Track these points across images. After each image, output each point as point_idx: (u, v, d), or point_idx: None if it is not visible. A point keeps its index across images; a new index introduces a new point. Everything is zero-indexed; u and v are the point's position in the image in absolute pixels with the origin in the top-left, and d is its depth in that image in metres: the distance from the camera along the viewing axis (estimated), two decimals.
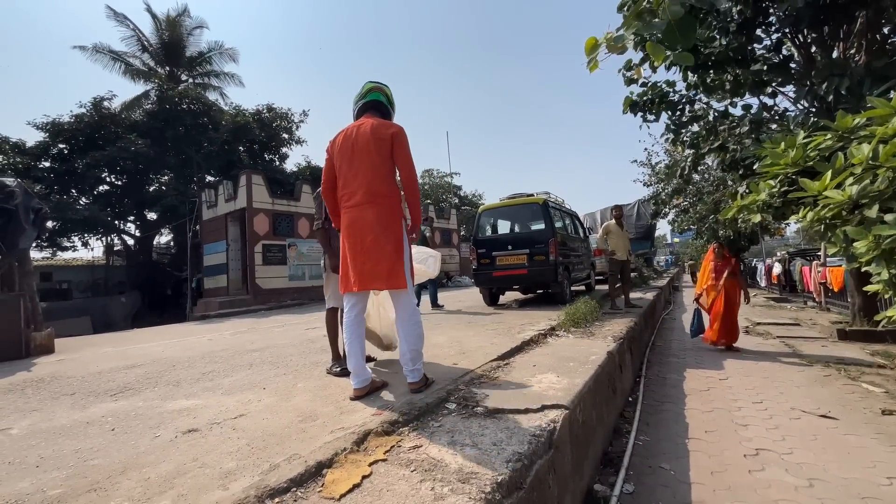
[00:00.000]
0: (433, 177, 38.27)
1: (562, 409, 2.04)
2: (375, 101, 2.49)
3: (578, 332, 4.31)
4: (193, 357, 4.07)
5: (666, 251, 59.19)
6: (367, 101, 2.49)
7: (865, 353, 5.22)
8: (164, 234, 21.36)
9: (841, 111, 3.57)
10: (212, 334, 6.20)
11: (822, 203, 2.98)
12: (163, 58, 20.46)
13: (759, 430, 3.03)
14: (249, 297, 12.03)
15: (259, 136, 17.78)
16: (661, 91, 7.19)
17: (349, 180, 2.35)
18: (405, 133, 2.34)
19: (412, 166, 2.31)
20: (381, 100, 2.50)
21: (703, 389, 4.02)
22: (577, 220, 8.84)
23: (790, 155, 3.52)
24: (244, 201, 12.34)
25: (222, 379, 3.01)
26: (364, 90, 2.51)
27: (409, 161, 2.31)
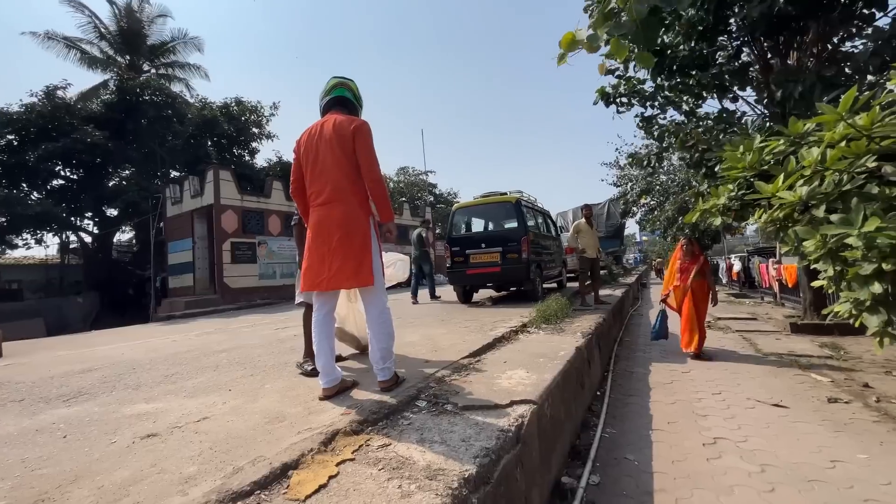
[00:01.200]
0: (408, 175, 38.11)
1: (530, 404, 2.08)
2: (340, 97, 2.44)
3: (549, 328, 4.40)
4: (156, 359, 3.92)
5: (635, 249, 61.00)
6: (332, 98, 2.45)
7: (815, 345, 5.54)
8: (126, 231, 20.42)
9: (793, 117, 3.77)
10: (176, 335, 5.97)
11: (775, 204, 3.14)
12: (122, 46, 19.47)
13: (717, 419, 3.18)
14: (217, 296, 11.66)
15: (227, 131, 17.22)
16: (633, 86, 7.42)
17: (315, 179, 2.32)
18: (368, 127, 2.30)
19: (374, 161, 2.27)
20: (346, 96, 2.45)
21: (666, 382, 4.18)
22: (550, 219, 9.00)
23: (747, 159, 3.70)
24: (211, 197, 11.94)
25: (186, 381, 2.91)
26: (329, 86, 2.46)
27: (370, 156, 2.26)
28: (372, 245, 2.27)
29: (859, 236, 2.55)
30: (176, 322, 9.25)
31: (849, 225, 2.71)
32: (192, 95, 19.39)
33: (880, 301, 2.74)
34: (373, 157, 2.27)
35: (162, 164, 15.93)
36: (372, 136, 2.30)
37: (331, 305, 2.36)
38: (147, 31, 20.00)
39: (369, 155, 2.26)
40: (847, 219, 2.75)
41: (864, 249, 2.60)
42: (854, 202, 2.79)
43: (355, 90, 2.51)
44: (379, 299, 2.30)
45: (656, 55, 6.47)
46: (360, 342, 3.23)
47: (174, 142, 16.09)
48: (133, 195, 14.81)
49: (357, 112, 2.51)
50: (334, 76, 2.50)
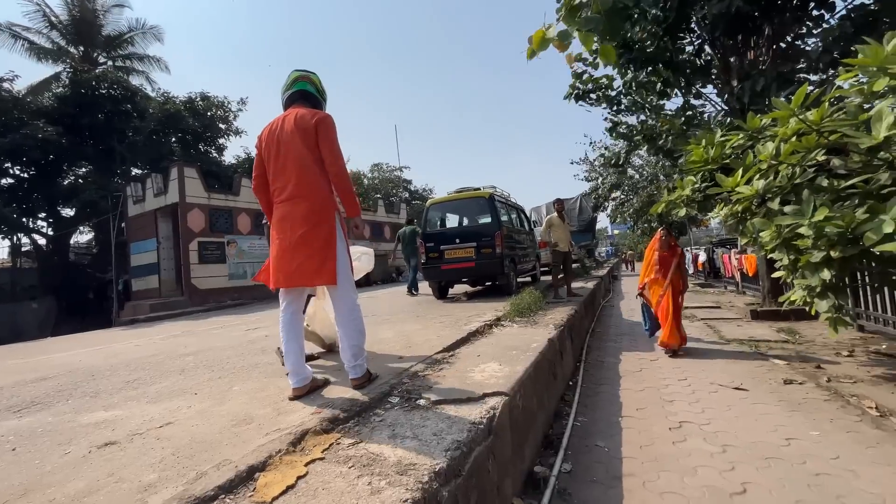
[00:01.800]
0: (383, 171, 37.72)
1: (502, 396, 2.10)
2: (302, 90, 2.39)
3: (523, 321, 4.46)
4: (117, 365, 3.75)
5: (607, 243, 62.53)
6: (294, 92, 2.39)
7: (773, 330, 5.83)
8: (85, 232, 19.41)
9: (751, 112, 3.93)
10: (140, 339, 5.74)
11: (734, 198, 3.26)
12: (75, 37, 18.42)
13: (682, 404, 3.30)
14: (185, 298, 11.25)
15: (192, 126, 16.57)
16: (601, 85, 7.58)
17: (278, 174, 2.27)
18: (331, 120, 2.26)
19: (337, 154, 2.22)
20: (308, 89, 2.39)
21: (636, 371, 4.31)
22: (523, 214, 9.10)
23: (710, 153, 3.84)
24: (176, 196, 11.48)
25: (149, 387, 2.80)
26: (290, 80, 2.40)
27: (333, 149, 2.21)
28: (337, 241, 2.23)
29: (810, 226, 2.69)
30: (140, 326, 8.88)
31: (801, 216, 2.85)
32: (153, 89, 18.58)
33: (829, 287, 2.91)
34: (336, 150, 2.22)
35: (122, 162, 15.20)
36: (335, 129, 2.26)
37: (298, 304, 2.31)
38: (102, 20, 19.00)
39: (332, 148, 2.21)
40: (799, 210, 2.90)
41: (814, 238, 2.74)
42: (805, 194, 2.94)
43: (317, 83, 2.45)
44: (347, 296, 2.27)
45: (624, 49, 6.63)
46: (324, 341, 3.20)
47: (135, 138, 15.37)
48: (90, 194, 14.07)
49: (320, 105, 2.45)
50: (295, 69, 2.45)
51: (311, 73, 2.45)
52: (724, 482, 2.18)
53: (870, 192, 2.90)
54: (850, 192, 3.01)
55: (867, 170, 2.95)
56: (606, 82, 7.34)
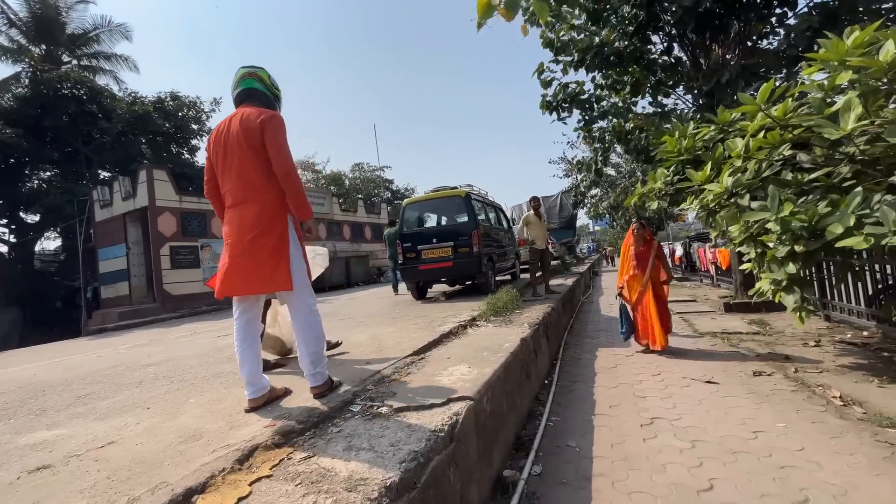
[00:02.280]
0: (363, 171, 37.33)
1: (467, 400, 2.04)
2: (249, 89, 2.28)
3: (498, 321, 4.42)
4: (72, 379, 3.56)
5: (588, 239, 63.37)
6: (241, 91, 2.28)
7: (745, 322, 5.94)
8: (52, 239, 18.66)
9: (721, 106, 3.97)
10: (104, 350, 5.50)
11: (704, 193, 3.27)
12: (36, 35, 17.65)
13: (655, 400, 3.30)
14: (157, 304, 10.89)
15: (163, 127, 16.06)
16: (573, 91, 7.61)
17: (225, 179, 2.17)
18: (278, 119, 2.15)
19: (284, 154, 2.11)
20: (255, 87, 2.28)
21: (611, 367, 4.32)
22: (501, 212, 9.08)
23: (683, 144, 3.85)
24: (145, 199, 11.09)
25: (100, 402, 2.65)
26: (237, 78, 2.29)
27: (279, 149, 2.09)
28: (290, 245, 2.14)
29: (776, 221, 2.71)
30: (108, 335, 8.55)
31: (767, 211, 2.88)
32: (121, 89, 17.93)
33: (795, 281, 2.94)
34: (282, 149, 2.11)
35: (88, 165, 14.62)
36: (282, 128, 2.15)
37: (254, 312, 2.20)
38: (66, 18, 18.25)
39: (279, 148, 2.10)
40: (765, 205, 2.92)
41: (779, 233, 2.77)
42: (770, 189, 2.96)
43: (266, 79, 2.33)
44: (304, 301, 2.18)
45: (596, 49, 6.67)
46: (285, 346, 3.12)
47: (102, 140, 14.80)
48: (55, 199, 13.50)
49: (271, 103, 2.34)
50: (242, 66, 2.32)
51: (258, 68, 2.33)
52: (692, 479, 2.16)
53: (831, 185, 2.94)
54: (813, 185, 3.06)
55: (829, 163, 3.00)
56: (577, 88, 7.39)
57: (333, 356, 3.21)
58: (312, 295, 2.23)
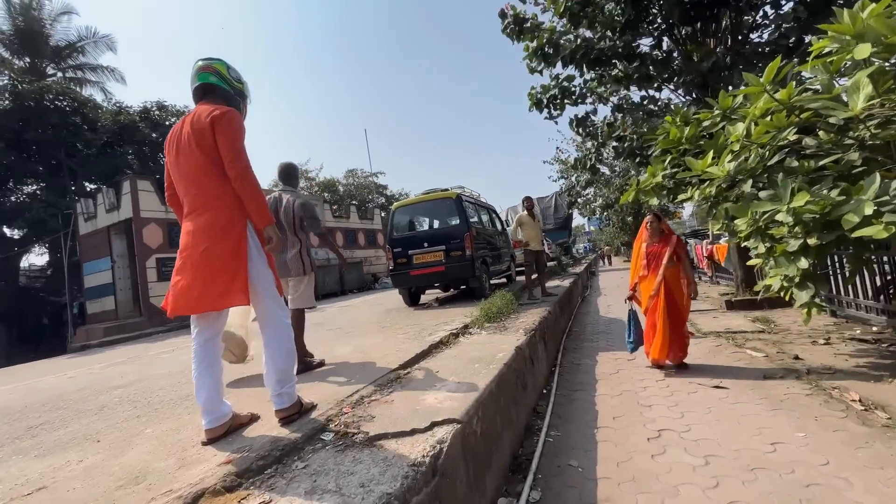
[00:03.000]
0: (357, 177, 37.11)
1: (454, 423, 1.81)
2: (205, 84, 2.06)
3: (492, 327, 4.19)
4: (33, 404, 3.29)
5: (584, 239, 63.42)
6: (198, 87, 2.07)
7: (748, 320, 5.74)
8: (39, 254, 18.27)
9: (722, 91, 3.77)
10: (78, 370, 5.21)
11: (706, 179, 3.06)
12: (19, 48, 17.38)
13: (661, 409, 3.07)
14: (143, 319, 10.57)
15: (150, 137, 15.78)
16: (563, 86, 7.41)
17: (179, 186, 1.98)
18: (231, 115, 1.92)
19: (237, 153, 1.88)
20: (211, 82, 2.06)
21: (612, 373, 4.09)
22: (494, 214, 8.88)
23: (685, 131, 3.63)
24: (130, 210, 10.79)
25: (50, 434, 2.39)
26: (192, 72, 2.07)
27: (232, 147, 1.87)
28: (250, 255, 1.92)
29: (788, 212, 2.49)
30: (91, 352, 8.24)
31: (777, 201, 2.66)
32: (107, 100, 17.66)
33: (808, 276, 2.72)
34: (235, 148, 1.88)
35: (73, 177, 14.30)
36: (236, 125, 1.92)
37: (213, 330, 1.96)
38: (49, 30, 18.00)
39: (230, 147, 1.88)
40: (775, 194, 2.71)
41: (791, 225, 2.56)
42: (780, 177, 2.75)
43: (223, 71, 2.10)
44: (273, 313, 1.97)
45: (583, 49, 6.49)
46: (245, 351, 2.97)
47: (86, 152, 14.50)
48: (38, 213, 13.18)
49: (231, 99, 2.11)
50: (199, 58, 2.10)
51: (215, 60, 2.10)
52: (709, 502, 1.93)
53: (841, 172, 2.74)
54: (820, 174, 2.86)
55: (838, 149, 2.80)
56: (566, 84, 7.19)
57: (314, 371, 2.97)
58: (283, 306, 2.03)
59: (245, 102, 2.24)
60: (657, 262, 3.82)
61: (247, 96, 2.25)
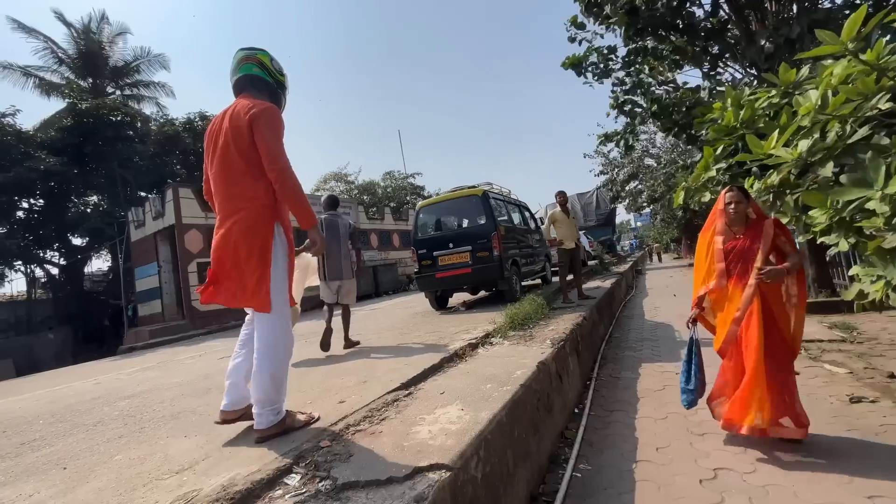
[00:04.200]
0: (394, 178, 37.37)
1: (442, 471, 1.45)
2: (248, 76, 1.97)
3: (517, 336, 3.77)
4: (42, 414, 3.26)
5: (630, 235, 60.74)
6: (239, 78, 1.99)
7: (823, 326, 4.94)
8: (102, 259, 19.66)
9: (784, 64, 3.16)
10: (110, 374, 5.31)
11: (772, 163, 2.49)
12: (83, 70, 18.77)
13: (716, 439, 2.55)
14: (186, 321, 10.96)
15: (194, 147, 16.50)
16: (605, 56, 6.82)
17: (215, 181, 1.92)
18: (270, 111, 1.84)
19: (275, 152, 1.80)
20: (255, 73, 1.98)
21: (657, 389, 3.56)
22: (527, 211, 8.38)
23: (740, 115, 3.08)
24: (173, 217, 11.24)
25: (33, 453, 2.26)
26: (234, 62, 2.00)
27: (270, 149, 1.79)
28: (272, 262, 1.84)
29: (884, 199, 1.93)
30: (135, 354, 8.57)
31: (866, 186, 2.09)
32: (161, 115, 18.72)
33: None
34: (274, 149, 1.80)
35: (126, 187, 15.19)
36: (275, 123, 1.83)
37: None
38: (108, 51, 19.30)
39: (269, 145, 1.79)
40: (863, 178, 2.14)
41: (888, 215, 1.98)
42: (869, 156, 2.17)
43: (267, 62, 2.01)
44: (274, 326, 1.86)
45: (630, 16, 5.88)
46: None
47: (139, 163, 15.37)
48: (96, 222, 14.08)
49: (273, 91, 2.03)
50: (241, 48, 2.01)
51: (258, 50, 2.02)
52: None
53: None
54: None
55: None
56: (607, 52, 6.58)
57: (313, 386, 2.70)
58: (285, 326, 1.90)
59: (285, 95, 2.15)
60: (744, 264, 2.39)
61: (287, 88, 2.16)
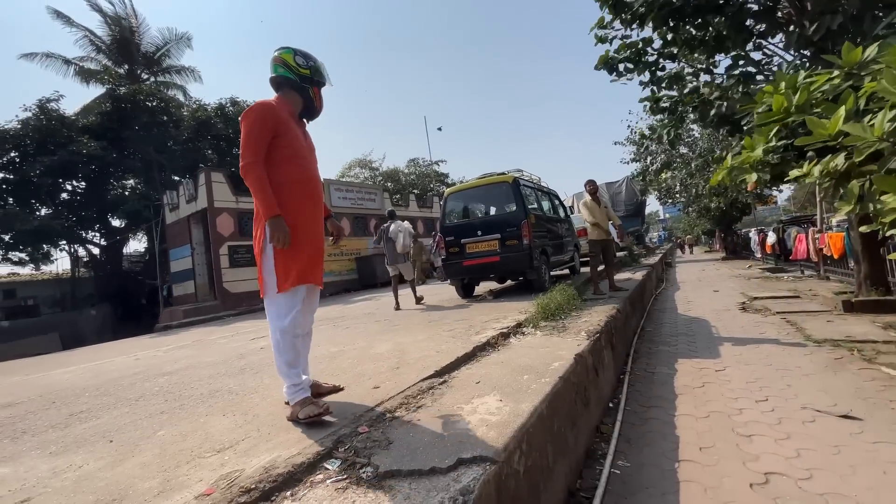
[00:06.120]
0: (419, 166, 37.28)
1: (486, 463, 1.39)
2: (275, 77, 2.10)
3: (549, 327, 3.68)
4: (88, 387, 3.40)
5: (658, 227, 59.05)
6: (270, 80, 2.14)
7: (877, 326, 4.63)
8: (140, 241, 20.49)
9: (848, 43, 2.90)
10: (148, 350, 5.52)
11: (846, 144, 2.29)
12: (119, 57, 19.34)
13: (765, 441, 2.41)
14: (218, 302, 11.31)
15: (225, 132, 16.85)
16: (638, 50, 6.49)
17: None
18: (253, 112, 1.93)
19: (244, 143, 1.90)
20: (279, 74, 2.09)
21: (697, 386, 3.41)
22: (557, 199, 8.18)
23: (793, 99, 2.86)
24: (205, 201, 11.54)
25: (80, 425, 2.34)
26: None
27: (242, 138, 1.92)
28: (264, 249, 1.95)
29: None
30: (171, 332, 8.91)
31: None
32: (189, 100, 19.13)
33: None
34: (244, 142, 1.90)
35: (161, 171, 15.68)
36: (250, 121, 1.91)
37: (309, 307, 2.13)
38: (139, 37, 19.73)
39: (242, 140, 1.91)
40: None
41: None
42: None
43: (289, 61, 2.09)
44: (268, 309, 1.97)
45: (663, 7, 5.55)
46: None
47: (173, 147, 15.82)
48: (134, 204, 14.62)
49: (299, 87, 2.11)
50: (275, 49, 2.15)
51: (282, 50, 2.12)
52: None
53: None
54: None
55: None
56: (642, 46, 6.25)
57: (344, 371, 2.70)
58: (276, 310, 1.94)
59: (313, 87, 2.16)
60: None
61: (315, 80, 2.16)
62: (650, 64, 6.48)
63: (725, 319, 5.89)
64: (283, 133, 1.96)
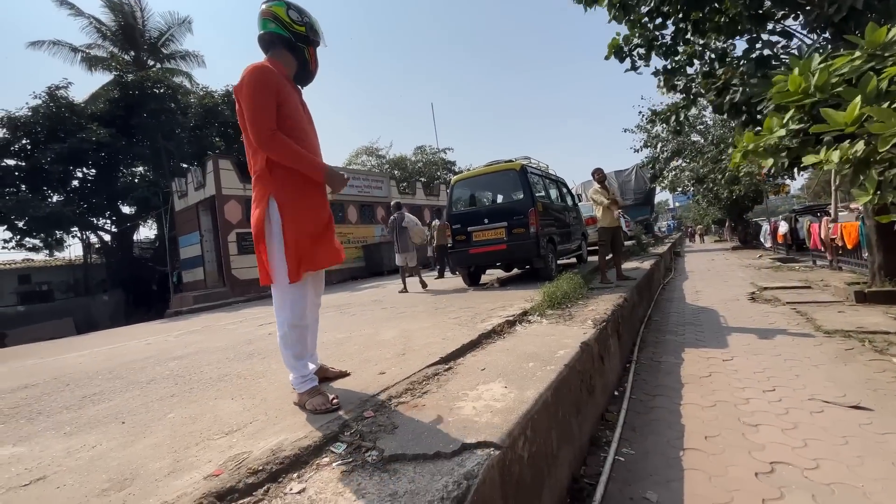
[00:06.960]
0: (426, 153, 37.05)
1: (490, 448, 1.40)
2: (263, 34, 1.88)
3: (555, 315, 3.67)
4: (100, 371, 3.47)
5: (668, 216, 58.40)
6: (259, 37, 1.91)
7: (889, 317, 4.56)
8: (150, 228, 20.71)
9: (872, 23, 2.79)
10: (157, 336, 5.62)
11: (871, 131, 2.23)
12: (125, 44, 19.28)
13: (772, 431, 2.41)
14: (226, 289, 11.44)
15: (232, 119, 16.83)
16: (651, 35, 6.32)
17: None
18: (252, 76, 1.71)
19: (253, 119, 1.70)
20: (269, 30, 1.85)
21: (703, 375, 3.40)
22: (565, 187, 8.09)
23: (812, 81, 2.76)
24: (213, 188, 11.59)
25: (93, 407, 2.39)
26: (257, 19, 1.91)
27: (249, 114, 1.71)
28: (267, 235, 1.80)
29: None
30: (181, 318, 9.05)
31: None
32: (194, 87, 19.08)
33: None
34: (252, 115, 1.70)
35: (170, 158, 15.74)
36: (252, 85, 1.70)
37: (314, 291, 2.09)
38: (143, 23, 19.59)
39: (248, 113, 1.71)
40: None
41: None
42: None
43: (282, 15, 1.84)
44: (275, 297, 1.89)
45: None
46: None
47: (181, 134, 15.86)
48: (142, 191, 14.74)
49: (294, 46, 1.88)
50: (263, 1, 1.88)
51: (273, 3, 1.85)
52: None
53: None
54: None
55: None
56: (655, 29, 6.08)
57: (350, 356, 2.73)
58: (281, 298, 1.86)
59: (309, 47, 1.94)
60: None
61: (311, 38, 1.93)
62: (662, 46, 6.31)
63: (734, 309, 5.84)
64: (284, 102, 1.76)
